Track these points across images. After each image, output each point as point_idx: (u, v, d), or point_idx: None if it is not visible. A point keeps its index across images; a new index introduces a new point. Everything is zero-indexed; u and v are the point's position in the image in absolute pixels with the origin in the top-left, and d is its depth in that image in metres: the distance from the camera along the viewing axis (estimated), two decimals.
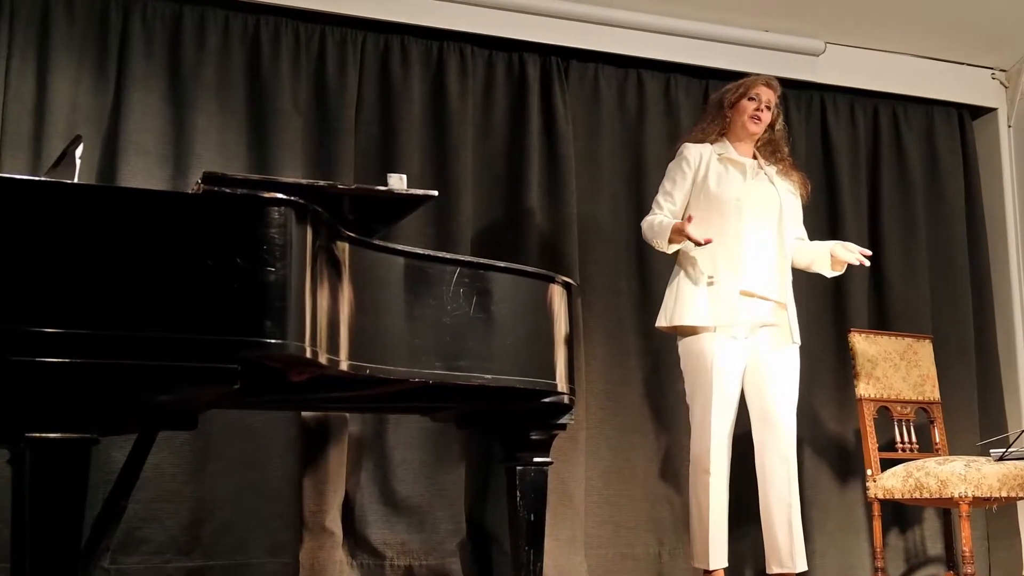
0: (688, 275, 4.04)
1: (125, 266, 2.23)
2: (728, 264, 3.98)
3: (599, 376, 5.03)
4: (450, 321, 2.98)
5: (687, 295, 4.00)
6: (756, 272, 4.00)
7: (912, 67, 5.77)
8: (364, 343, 2.71)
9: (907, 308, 5.54)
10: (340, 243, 2.65)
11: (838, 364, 5.31)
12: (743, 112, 4.13)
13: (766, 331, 4.04)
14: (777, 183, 4.13)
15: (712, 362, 3.94)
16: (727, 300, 3.94)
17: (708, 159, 4.10)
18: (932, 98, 5.85)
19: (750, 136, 4.17)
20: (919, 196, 5.72)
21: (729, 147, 4.16)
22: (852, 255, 4.11)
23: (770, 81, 4.20)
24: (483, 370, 3.05)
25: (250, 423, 4.43)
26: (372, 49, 4.91)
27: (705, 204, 4.05)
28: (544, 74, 5.18)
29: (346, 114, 4.77)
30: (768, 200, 4.09)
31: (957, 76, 5.87)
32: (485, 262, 3.16)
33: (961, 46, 5.73)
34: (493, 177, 5.05)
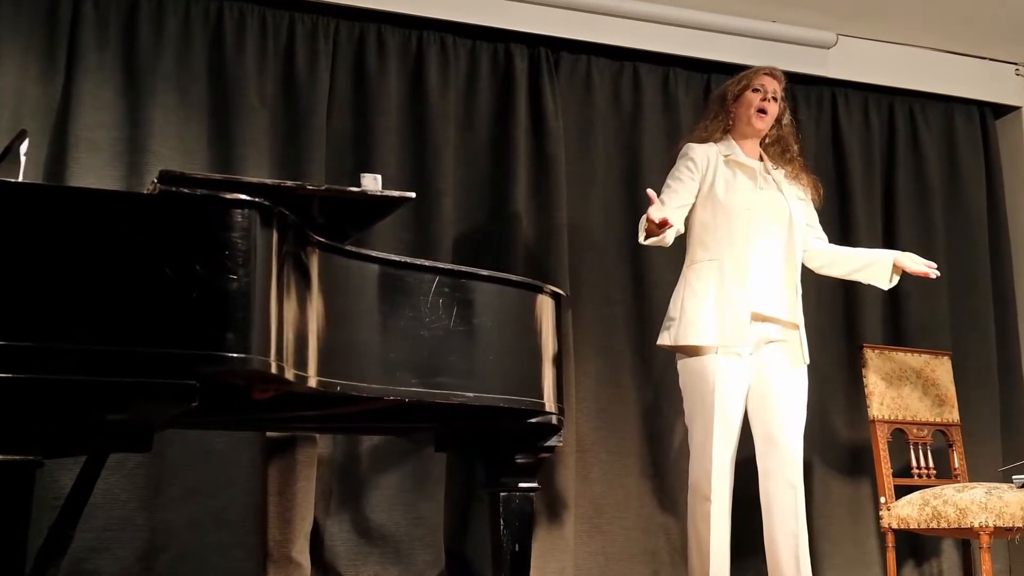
0: (693, 290, 4.01)
1: (73, 273, 2.22)
2: (736, 280, 3.95)
3: (590, 395, 5.03)
4: (428, 334, 2.98)
5: (693, 312, 3.98)
6: (766, 289, 4.00)
7: (930, 61, 5.80)
8: (335, 358, 2.70)
9: (924, 322, 5.55)
10: (309, 249, 2.65)
11: (849, 383, 5.32)
12: (748, 106, 4.13)
13: (773, 347, 4.04)
14: (785, 190, 4.12)
15: (715, 381, 3.93)
16: (736, 319, 3.92)
17: (715, 162, 4.08)
18: (952, 95, 5.88)
19: (756, 133, 4.17)
20: (937, 201, 5.75)
21: (735, 147, 4.14)
22: (919, 265, 4.13)
23: (774, 70, 4.20)
24: (464, 387, 3.05)
25: (210, 445, 4.41)
26: (345, 38, 4.91)
27: (712, 212, 4.02)
28: (532, 66, 5.19)
29: (317, 109, 4.76)
30: (778, 209, 4.08)
31: (978, 71, 5.90)
32: (467, 270, 3.16)
33: (983, 39, 5.75)
34: (476, 178, 5.05)
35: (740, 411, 4.00)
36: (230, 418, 3.44)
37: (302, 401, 3.01)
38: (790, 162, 4.20)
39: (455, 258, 4.77)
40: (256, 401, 2.77)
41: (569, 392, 4.84)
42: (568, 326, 4.88)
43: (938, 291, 5.61)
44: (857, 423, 5.25)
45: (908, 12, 5.48)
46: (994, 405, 5.59)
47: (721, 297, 3.95)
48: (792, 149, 4.23)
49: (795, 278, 4.08)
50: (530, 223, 5.03)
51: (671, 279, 4.64)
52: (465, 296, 3.10)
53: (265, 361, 2.38)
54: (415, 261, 3.04)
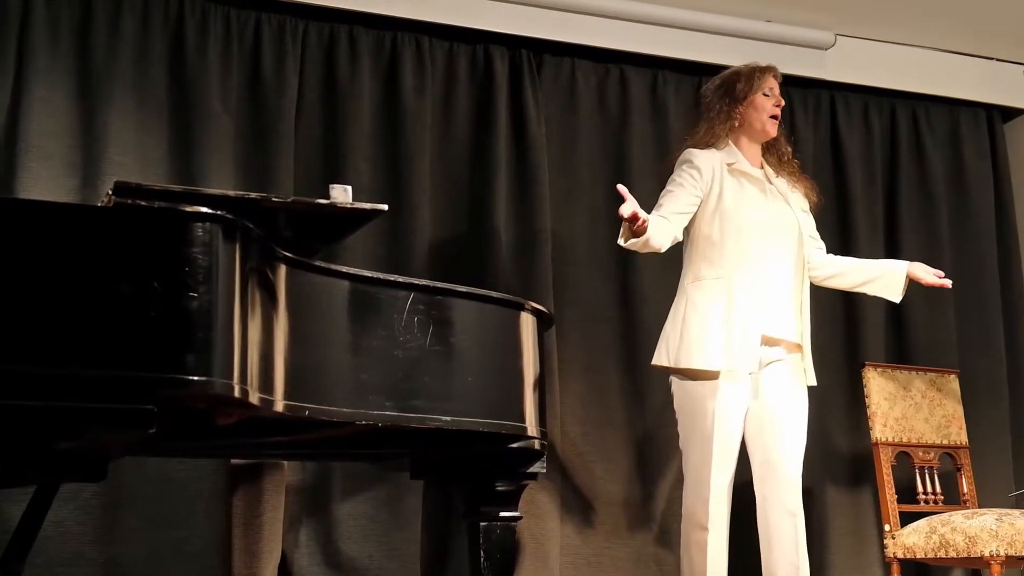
0: (698, 309, 3.97)
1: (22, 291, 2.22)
2: (748, 300, 3.92)
3: (576, 418, 5.03)
4: (403, 355, 2.98)
5: (697, 333, 3.94)
6: (777, 310, 3.99)
7: (934, 62, 5.83)
8: (303, 380, 2.70)
9: (930, 339, 5.57)
10: (275, 264, 2.65)
11: (851, 403, 5.33)
12: (761, 110, 4.10)
13: (774, 367, 4.03)
14: (791, 201, 4.12)
15: (715, 406, 3.92)
16: (746, 343, 3.90)
17: (720, 172, 4.03)
18: (957, 97, 5.91)
19: (765, 138, 4.16)
20: (942, 210, 5.77)
21: (738, 154, 4.11)
22: (932, 276, 4.16)
23: (776, 70, 4.20)
24: (441, 411, 3.05)
25: (170, 473, 4.39)
26: (315, 40, 4.91)
27: (721, 228, 3.97)
28: (513, 70, 5.20)
29: (285, 115, 4.77)
30: (787, 224, 4.06)
31: (985, 72, 5.94)
32: (443, 287, 3.16)
33: (989, 38, 5.79)
34: (454, 188, 5.05)
35: (739, 436, 3.99)
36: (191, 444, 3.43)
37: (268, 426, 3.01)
38: (786, 166, 4.21)
39: (432, 274, 4.76)
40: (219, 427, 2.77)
41: (553, 415, 4.84)
42: (552, 345, 4.88)
43: (944, 306, 5.63)
44: (859, 446, 5.26)
45: (910, 11, 5.51)
46: (1004, 426, 5.61)
47: (730, 318, 3.92)
48: (786, 151, 4.24)
49: (803, 296, 4.08)
50: (511, 236, 5.03)
51: (661, 295, 4.66)
52: (442, 314, 3.10)
53: (228, 384, 2.37)
54: (388, 277, 3.04)
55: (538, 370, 3.46)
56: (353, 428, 2.96)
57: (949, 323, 5.62)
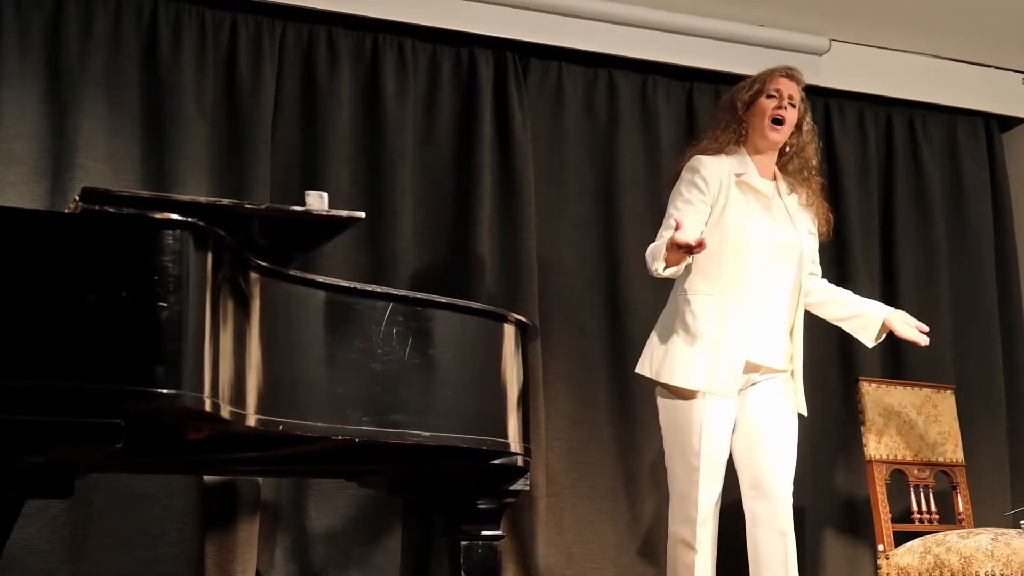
0: (686, 325, 3.95)
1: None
2: (737, 323, 3.89)
3: (561, 433, 5.03)
4: (381, 368, 2.98)
5: (680, 353, 3.92)
6: (766, 336, 3.96)
7: (931, 69, 5.85)
8: (276, 394, 2.70)
9: (925, 354, 5.53)
10: (248, 273, 2.64)
11: (844, 419, 5.34)
12: (761, 114, 4.00)
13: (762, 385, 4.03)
14: (797, 222, 4.05)
15: (700, 421, 3.91)
16: (729, 368, 3.89)
17: (727, 182, 3.96)
18: (955, 106, 5.93)
19: (772, 146, 4.05)
20: (939, 221, 5.79)
21: (749, 164, 4.02)
22: (910, 330, 4.11)
23: (791, 71, 4.05)
24: (420, 426, 3.05)
25: (141, 490, 4.37)
26: (293, 42, 4.91)
27: (720, 242, 3.92)
28: (498, 74, 5.20)
29: (261, 119, 4.76)
30: (789, 246, 4.01)
31: (983, 80, 5.96)
32: (424, 297, 3.16)
33: (988, 46, 5.81)
34: (437, 195, 5.05)
35: (726, 453, 3.98)
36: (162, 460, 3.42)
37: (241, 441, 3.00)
38: (806, 183, 4.11)
39: (412, 284, 4.76)
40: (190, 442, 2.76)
41: (537, 431, 4.83)
42: (537, 358, 4.88)
43: (941, 319, 5.64)
44: (852, 464, 5.27)
45: (907, 16, 5.52)
46: (1002, 443, 5.62)
47: (717, 341, 3.89)
48: (811, 166, 4.12)
49: (797, 321, 4.05)
50: (495, 245, 5.03)
51: (649, 307, 4.66)
52: (421, 325, 3.10)
53: (198, 398, 2.37)
54: (366, 287, 3.04)
55: (522, 384, 3.46)
56: (329, 443, 2.95)
57: (946, 338, 5.64)
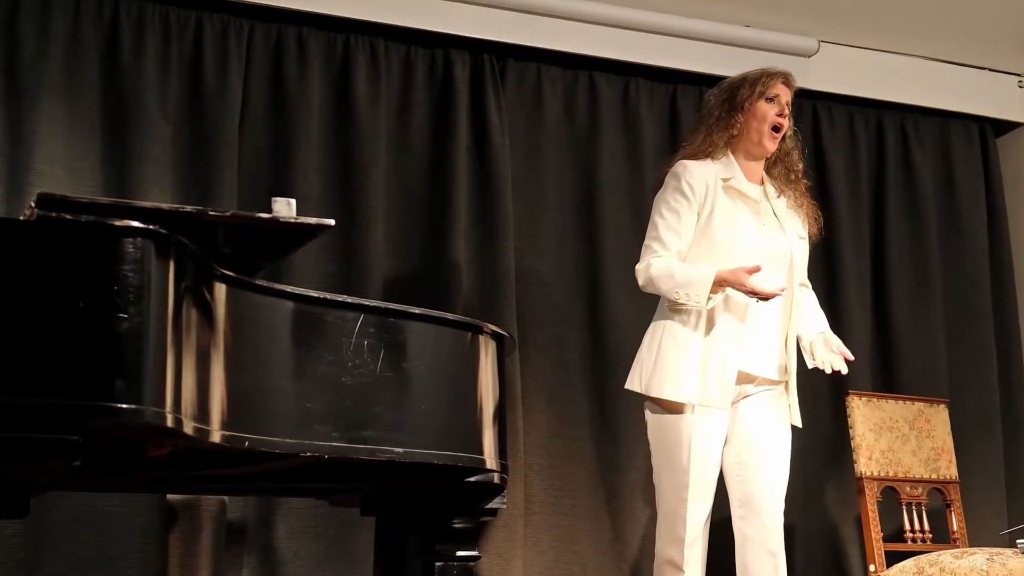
0: (676, 337, 3.95)
1: None
2: (728, 334, 3.89)
3: (540, 449, 5.03)
4: (351, 381, 2.97)
5: (671, 363, 3.92)
6: (759, 346, 3.96)
7: (924, 72, 5.88)
8: (242, 409, 2.69)
9: (918, 366, 5.60)
10: (213, 283, 2.64)
11: (834, 435, 5.35)
12: (761, 119, 3.98)
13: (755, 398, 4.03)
14: (787, 227, 4.06)
15: (690, 436, 3.90)
16: (721, 380, 3.89)
17: (714, 188, 3.96)
18: (948, 110, 5.97)
19: (765, 153, 4.07)
20: (932, 228, 5.82)
21: (736, 169, 4.02)
22: (830, 356, 4.04)
23: (789, 78, 4.05)
24: (393, 442, 3.04)
25: (101, 508, 4.36)
26: (261, 42, 4.91)
27: (708, 250, 3.91)
28: (474, 76, 5.21)
29: (228, 122, 4.76)
30: (780, 252, 4.01)
31: (978, 83, 5.99)
32: (397, 308, 3.15)
33: (983, 48, 5.84)
34: (411, 202, 5.05)
35: (716, 471, 3.98)
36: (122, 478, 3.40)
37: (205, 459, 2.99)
38: (793, 185, 4.13)
39: (385, 294, 4.77)
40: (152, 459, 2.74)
41: (516, 447, 4.83)
42: (515, 371, 4.88)
43: (934, 330, 5.66)
44: (843, 481, 5.28)
45: (899, 17, 5.55)
46: (997, 459, 5.64)
47: (708, 352, 3.89)
48: (796, 168, 4.13)
49: (791, 330, 4.05)
50: (471, 254, 5.03)
51: (634, 319, 4.67)
52: (394, 337, 3.10)
53: (160, 413, 2.36)
54: (336, 297, 3.03)
55: (499, 398, 3.46)
56: (297, 460, 2.94)
57: (939, 349, 5.66)
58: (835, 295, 5.52)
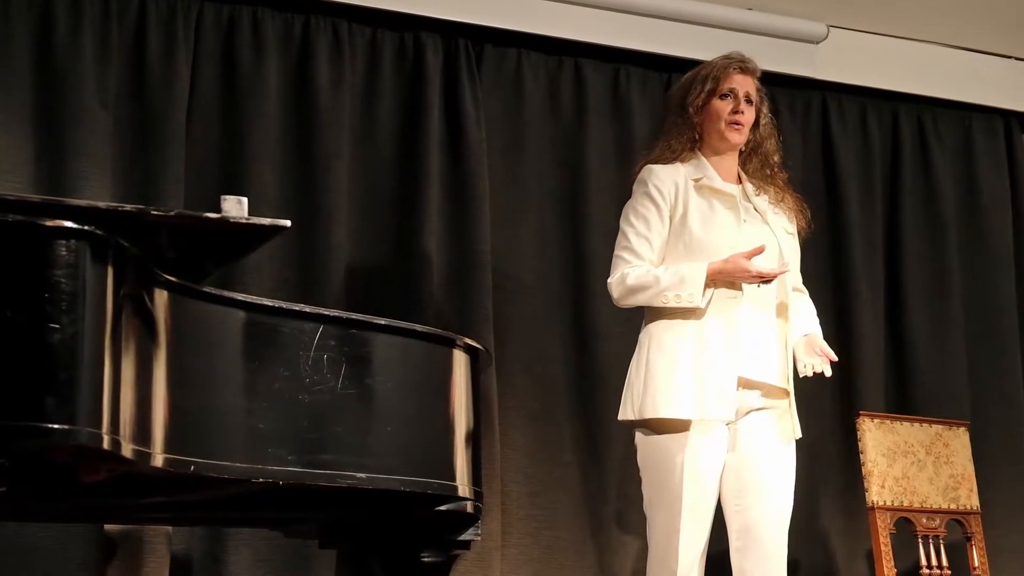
0: (664, 351, 3.96)
1: None
2: (721, 338, 3.90)
3: (520, 476, 5.03)
4: (309, 399, 2.97)
5: (663, 378, 3.92)
6: (755, 348, 3.98)
7: (943, 60, 5.91)
8: (187, 429, 2.68)
9: (936, 384, 5.61)
10: (155, 290, 2.63)
11: (844, 460, 5.37)
12: (716, 117, 4.05)
13: (756, 417, 4.03)
14: (772, 221, 4.09)
15: (685, 463, 3.91)
16: (720, 388, 3.89)
17: (684, 189, 4.00)
18: (970, 102, 5.99)
19: (732, 148, 4.11)
20: (952, 232, 5.83)
21: (707, 167, 4.07)
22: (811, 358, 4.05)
23: (745, 65, 4.09)
24: (355, 467, 3.03)
25: (31, 540, 4.34)
26: (211, 24, 4.90)
27: (686, 254, 3.93)
28: (448, 62, 5.21)
29: (174, 112, 4.75)
30: (767, 248, 4.06)
31: (1002, 73, 6.02)
32: (360, 318, 3.15)
33: (1008, 33, 5.86)
34: (377, 201, 5.05)
35: (714, 499, 3.98)
36: (55, 506, 3.39)
37: (147, 485, 2.98)
38: (771, 179, 4.17)
39: (348, 303, 4.75)
40: (87, 485, 2.73)
41: (492, 472, 4.83)
42: (491, 389, 4.88)
43: (954, 345, 5.68)
44: (854, 511, 5.28)
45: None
46: (1021, 488, 5.65)
47: (701, 360, 3.90)
48: (773, 161, 4.18)
49: (787, 333, 4.07)
50: (444, 258, 5.03)
51: (622, 330, 4.67)
52: (357, 351, 3.09)
53: (95, 434, 2.35)
54: (293, 307, 3.03)
55: (473, 419, 3.45)
56: (249, 487, 2.93)
57: (959, 366, 5.67)
58: (844, 305, 5.54)
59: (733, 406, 3.92)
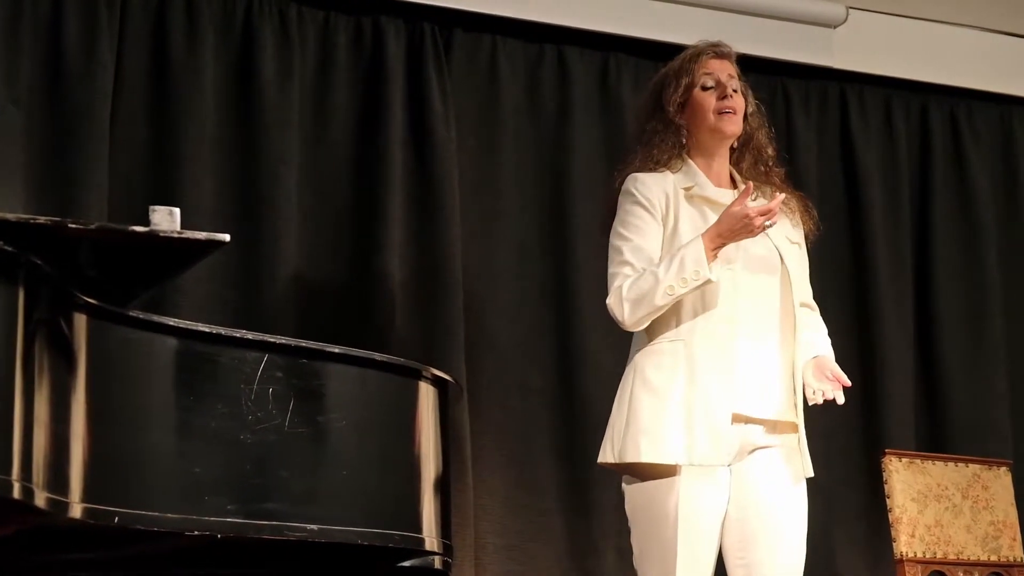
0: (650, 385, 3.96)
1: None
2: (714, 368, 3.89)
3: (495, 524, 5.03)
4: (252, 440, 2.97)
5: (649, 417, 3.91)
6: (755, 379, 3.97)
7: (979, 45, 5.93)
8: (111, 475, 2.68)
9: (973, 418, 5.62)
10: (73, 315, 2.63)
11: (868, 505, 5.38)
12: (702, 111, 4.01)
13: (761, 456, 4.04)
14: (772, 231, 4.09)
15: (677, 505, 3.91)
16: (712, 427, 3.88)
17: (674, 199, 4.00)
18: (1010, 94, 6.02)
19: (728, 138, 4.11)
20: (990, 242, 5.86)
21: (698, 174, 4.05)
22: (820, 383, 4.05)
23: (719, 47, 4.07)
24: (304, 517, 3.04)
25: None
26: (139, 6, 4.89)
27: None
28: (412, 49, 5.22)
29: (96, 109, 4.74)
30: (766, 262, 4.04)
31: None
32: (311, 346, 3.15)
33: None
34: (331, 210, 5.05)
35: (714, 552, 3.98)
36: None
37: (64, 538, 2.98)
38: (767, 177, 4.17)
39: (298, 328, 4.74)
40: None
41: (464, 521, 4.83)
42: (463, 426, 4.88)
43: (993, 373, 5.69)
44: (879, 562, 5.29)
45: None
46: None
47: (692, 394, 3.89)
48: (767, 155, 4.17)
49: (793, 358, 4.07)
50: (408, 275, 5.04)
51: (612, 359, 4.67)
52: (308, 384, 3.10)
53: (4, 481, 2.35)
54: (233, 333, 3.03)
55: (442, 461, 3.46)
56: (183, 540, 2.93)
57: (999, 397, 5.69)
58: (867, 327, 5.55)
59: (729, 449, 3.91)
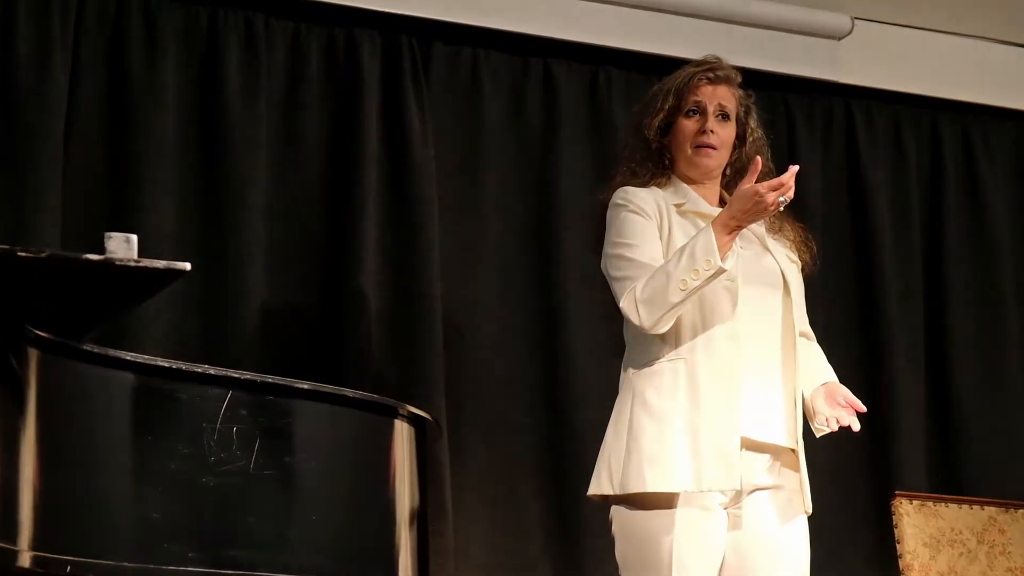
0: (650, 408, 3.96)
1: None
2: (718, 388, 3.89)
3: (479, 572, 5.02)
4: (215, 483, 2.98)
5: (650, 443, 3.90)
6: (760, 401, 3.99)
7: (991, 59, 5.95)
8: (63, 520, 2.69)
9: (989, 458, 5.63)
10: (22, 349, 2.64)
11: (877, 549, 5.38)
12: (683, 139, 4.00)
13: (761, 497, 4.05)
14: (771, 244, 4.12)
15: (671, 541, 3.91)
16: (721, 452, 3.88)
17: (667, 212, 4.02)
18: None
19: (704, 174, 4.12)
20: (1007, 269, 5.87)
21: (688, 191, 4.07)
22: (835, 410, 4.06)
23: (716, 71, 4.06)
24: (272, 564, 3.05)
25: None
26: (95, 18, 4.89)
27: None
28: (388, 63, 5.23)
29: (49, 128, 4.74)
30: (768, 277, 4.04)
31: None
32: (279, 382, 3.16)
33: None
34: (300, 236, 5.05)
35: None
36: None
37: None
38: None
39: (266, 361, 4.73)
40: None
41: (444, 569, 4.82)
42: (443, 466, 4.87)
43: (1010, 405, 5.70)
44: None
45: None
46: None
47: (697, 417, 3.89)
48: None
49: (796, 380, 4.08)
50: (384, 304, 5.04)
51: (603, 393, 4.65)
52: (275, 422, 3.11)
53: None
54: (195, 368, 3.04)
55: (419, 503, 3.48)
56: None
57: (1017, 435, 5.69)
58: (876, 360, 5.55)
59: (738, 474, 3.92)
